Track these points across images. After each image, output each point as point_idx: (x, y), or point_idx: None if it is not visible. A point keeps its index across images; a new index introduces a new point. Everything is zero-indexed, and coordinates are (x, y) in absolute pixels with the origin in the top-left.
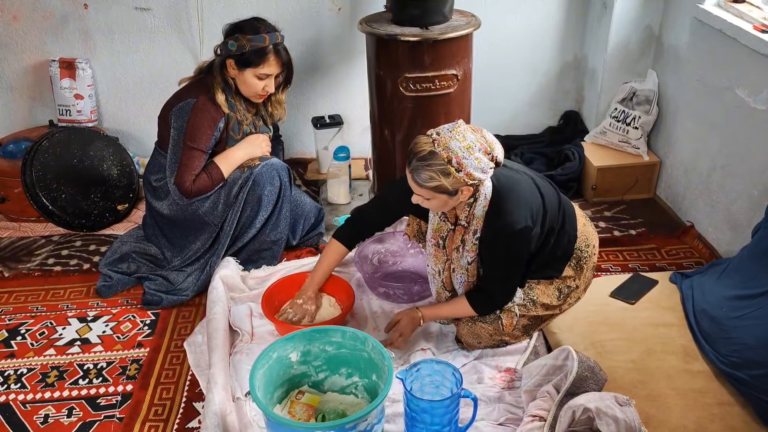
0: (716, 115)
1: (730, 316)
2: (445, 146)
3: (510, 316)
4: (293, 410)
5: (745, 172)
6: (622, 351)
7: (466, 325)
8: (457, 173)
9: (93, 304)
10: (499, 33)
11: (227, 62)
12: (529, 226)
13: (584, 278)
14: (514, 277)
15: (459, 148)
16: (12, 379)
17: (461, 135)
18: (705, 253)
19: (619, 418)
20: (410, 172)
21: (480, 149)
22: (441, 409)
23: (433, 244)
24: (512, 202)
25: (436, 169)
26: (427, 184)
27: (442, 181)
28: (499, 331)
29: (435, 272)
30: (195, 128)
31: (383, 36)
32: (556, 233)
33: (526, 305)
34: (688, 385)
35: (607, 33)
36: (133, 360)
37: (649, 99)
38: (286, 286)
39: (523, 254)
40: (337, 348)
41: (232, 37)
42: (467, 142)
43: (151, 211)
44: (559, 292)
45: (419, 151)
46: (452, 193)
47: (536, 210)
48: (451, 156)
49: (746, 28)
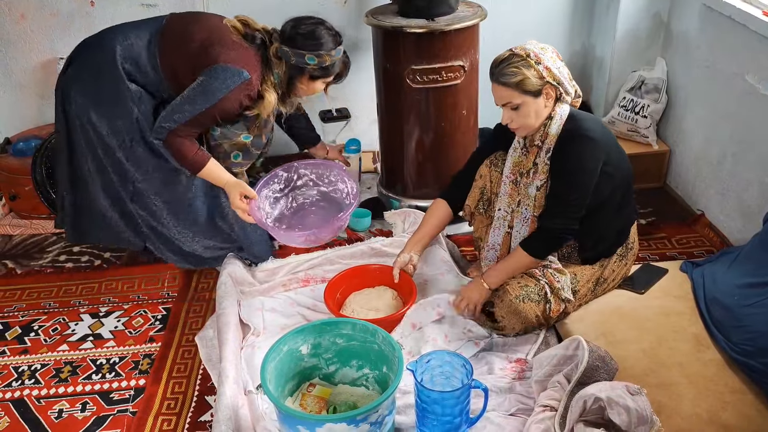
0: (726, 103)
1: (742, 304)
2: (521, 48)
3: (558, 302)
4: (305, 403)
5: (756, 159)
6: (632, 340)
7: (512, 303)
8: (537, 65)
9: (105, 300)
10: (505, 23)
11: (300, 77)
12: (597, 140)
13: (621, 271)
14: (578, 192)
15: (534, 47)
16: (26, 374)
17: (534, 43)
18: (716, 242)
19: (631, 407)
20: (495, 80)
21: (553, 52)
22: (452, 400)
23: (511, 180)
24: (590, 120)
25: (517, 63)
26: (512, 80)
27: (526, 73)
28: (545, 314)
29: (506, 214)
30: (229, 102)
31: (389, 28)
32: (615, 205)
33: (570, 299)
34: (700, 374)
35: (615, 21)
36: (145, 355)
37: (658, 87)
38: (347, 279)
39: (592, 162)
40: (347, 340)
41: (312, 52)
42: (541, 45)
43: None
44: (596, 284)
45: (500, 58)
46: (537, 93)
47: (611, 143)
48: (528, 52)
49: (756, 14)
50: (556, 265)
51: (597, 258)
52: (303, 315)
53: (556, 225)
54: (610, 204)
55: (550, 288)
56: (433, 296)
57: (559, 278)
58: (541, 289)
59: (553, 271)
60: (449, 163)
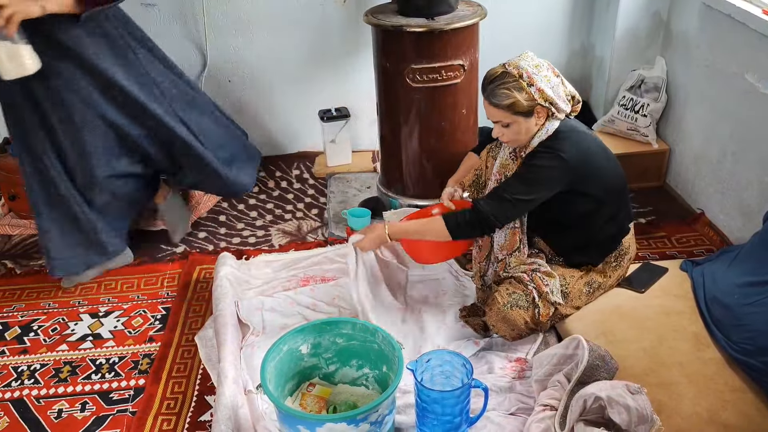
0: (726, 101)
1: (742, 303)
2: (515, 65)
3: (547, 305)
4: (304, 402)
5: (755, 158)
6: (632, 339)
7: (501, 311)
8: (529, 87)
9: (104, 300)
10: (505, 22)
11: None
12: (567, 160)
13: (616, 275)
14: (518, 191)
15: (528, 65)
16: (26, 374)
17: (530, 58)
18: (716, 241)
19: (631, 407)
20: (486, 98)
21: (548, 69)
22: (452, 399)
23: (497, 179)
24: (571, 139)
25: (509, 85)
26: (503, 102)
27: (516, 96)
28: (534, 320)
29: None
30: None
31: (389, 27)
32: (604, 216)
33: (559, 302)
34: (700, 373)
35: (614, 20)
36: (144, 354)
37: (657, 86)
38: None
39: (545, 177)
40: (347, 340)
41: None
42: (536, 61)
43: None
44: (590, 286)
45: (492, 74)
46: (527, 114)
47: (589, 160)
48: (521, 72)
49: (755, 13)
50: (545, 268)
51: (584, 264)
52: (303, 315)
53: (484, 209)
54: (591, 217)
55: (538, 293)
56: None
57: (548, 282)
58: (529, 295)
59: (541, 275)
60: (449, 162)
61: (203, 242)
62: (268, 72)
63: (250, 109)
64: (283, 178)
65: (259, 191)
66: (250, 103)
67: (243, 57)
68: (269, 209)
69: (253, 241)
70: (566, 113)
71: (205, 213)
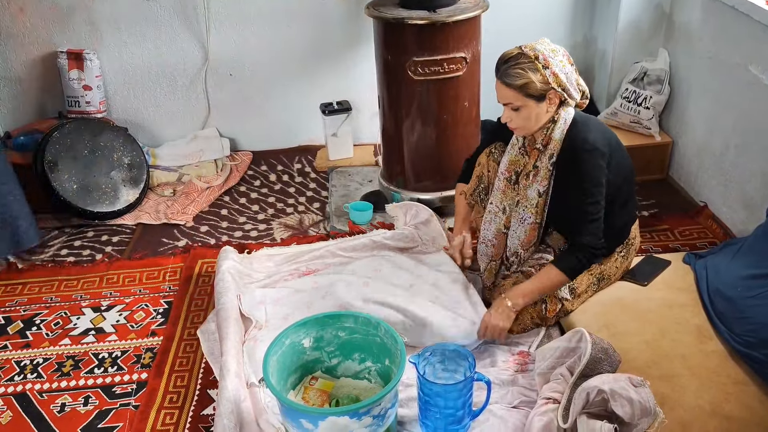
0: (729, 93)
1: (745, 296)
2: (531, 48)
3: (554, 301)
4: (307, 396)
5: (759, 151)
6: (635, 332)
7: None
8: (544, 70)
9: (107, 294)
10: (507, 14)
11: None
12: (603, 151)
13: (622, 267)
14: (598, 203)
15: (545, 49)
16: (28, 369)
17: (546, 42)
18: (719, 233)
19: (634, 399)
20: (499, 78)
21: (564, 55)
22: (454, 392)
23: (505, 177)
24: (592, 126)
25: (524, 65)
26: (516, 83)
27: (531, 77)
28: (540, 315)
29: (498, 210)
30: None
31: (390, 20)
32: (619, 203)
33: (569, 298)
34: (703, 365)
35: (617, 12)
36: (147, 348)
37: (660, 78)
38: None
39: (602, 175)
40: (349, 333)
41: None
42: (552, 47)
43: None
44: (598, 280)
45: (507, 55)
46: (539, 98)
47: (614, 146)
48: (537, 54)
49: (759, 3)
50: None
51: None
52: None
53: (588, 242)
54: (610, 205)
55: None
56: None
57: None
58: None
59: None
60: (451, 155)
61: (205, 236)
62: (270, 65)
63: (251, 103)
64: (284, 172)
65: (261, 185)
66: (251, 96)
67: (244, 50)
68: (271, 203)
69: (255, 235)
70: (576, 103)
71: (207, 206)
